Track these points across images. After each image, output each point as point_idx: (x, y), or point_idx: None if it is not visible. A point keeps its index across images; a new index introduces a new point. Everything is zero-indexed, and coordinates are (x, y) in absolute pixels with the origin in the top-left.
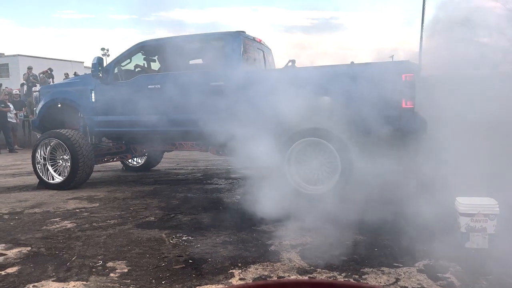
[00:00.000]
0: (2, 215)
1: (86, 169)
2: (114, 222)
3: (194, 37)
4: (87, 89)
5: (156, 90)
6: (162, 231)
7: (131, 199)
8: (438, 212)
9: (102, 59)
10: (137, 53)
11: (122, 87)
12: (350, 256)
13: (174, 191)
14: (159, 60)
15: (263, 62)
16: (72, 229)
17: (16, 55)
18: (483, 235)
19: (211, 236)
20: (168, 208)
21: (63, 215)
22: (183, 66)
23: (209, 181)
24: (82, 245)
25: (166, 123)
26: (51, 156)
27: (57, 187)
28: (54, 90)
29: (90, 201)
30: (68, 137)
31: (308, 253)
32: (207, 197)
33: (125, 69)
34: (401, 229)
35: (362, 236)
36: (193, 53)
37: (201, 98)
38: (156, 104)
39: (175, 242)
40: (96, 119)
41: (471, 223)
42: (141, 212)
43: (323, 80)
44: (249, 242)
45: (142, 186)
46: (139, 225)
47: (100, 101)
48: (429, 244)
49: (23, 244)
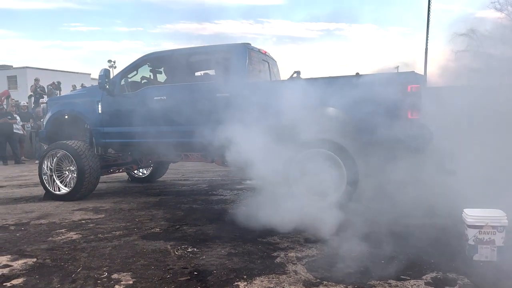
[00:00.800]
0: (8, 226)
1: (92, 180)
2: (119, 233)
3: (200, 49)
4: (93, 100)
5: (162, 101)
6: (167, 243)
7: (137, 210)
8: (445, 223)
9: (108, 71)
10: (144, 65)
11: (128, 98)
12: (357, 268)
13: (179, 202)
14: (165, 72)
15: (268, 74)
16: (78, 241)
17: (24, 67)
18: (491, 248)
19: (216, 247)
20: (173, 219)
21: (69, 226)
22: (189, 77)
23: (214, 192)
24: (87, 256)
25: (172, 134)
26: (58, 167)
27: (63, 198)
28: (61, 102)
29: (96, 212)
30: (74, 148)
31: (314, 265)
32: (212, 208)
33: (131, 80)
34: (409, 241)
35: (369, 248)
36: (199, 65)
37: (207, 109)
38: (162, 115)
39: (180, 254)
40: (102, 130)
41: (479, 235)
42: (147, 223)
43: (328, 91)
44: (255, 254)
45: (148, 197)
46: (144, 237)
47: (106, 113)
48: (437, 256)
49: (29, 255)
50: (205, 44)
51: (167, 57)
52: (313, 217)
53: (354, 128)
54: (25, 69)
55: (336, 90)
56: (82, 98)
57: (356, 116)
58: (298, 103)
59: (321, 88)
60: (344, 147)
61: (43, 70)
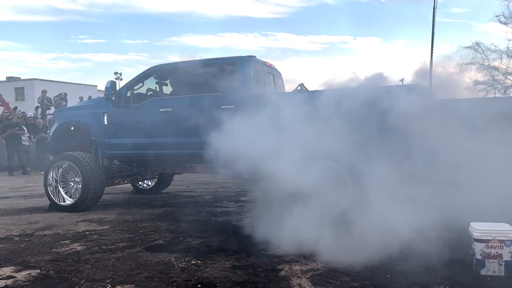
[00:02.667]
0: (13, 237)
1: (97, 192)
2: (123, 245)
3: (206, 62)
4: (99, 112)
5: (168, 113)
6: (171, 255)
7: (141, 221)
8: (452, 237)
9: (115, 82)
10: (150, 77)
11: (134, 110)
12: (362, 282)
13: (183, 214)
14: (171, 83)
15: (273, 86)
16: (82, 252)
17: (32, 79)
18: (499, 262)
19: (220, 260)
20: (177, 231)
21: (73, 238)
22: (195, 89)
23: (218, 204)
24: (91, 268)
25: (177, 145)
26: (63, 178)
27: (68, 209)
28: (67, 113)
29: (100, 224)
30: (80, 159)
31: (318, 278)
32: (217, 220)
33: (137, 92)
34: (414, 255)
35: (374, 262)
36: (205, 77)
37: (212, 121)
38: (168, 127)
39: (184, 266)
40: (108, 141)
41: (486, 249)
42: (151, 235)
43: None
44: (259, 266)
45: (152, 208)
46: (148, 248)
47: (112, 124)
48: (443, 271)
49: (33, 266)
50: (211, 57)
51: (173, 69)
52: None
53: (357, 141)
54: (33, 80)
55: (338, 103)
56: (88, 110)
57: (359, 129)
58: (302, 115)
59: (324, 101)
60: (351, 162)
61: (50, 82)
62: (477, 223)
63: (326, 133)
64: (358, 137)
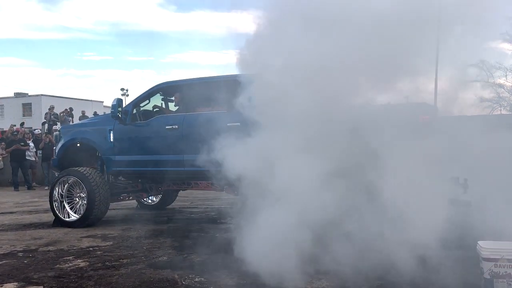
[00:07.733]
0: (17, 253)
1: (102, 207)
2: (126, 261)
3: (211, 79)
4: (105, 129)
5: (174, 130)
6: (175, 272)
7: (145, 238)
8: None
9: (121, 100)
10: (156, 94)
11: (140, 127)
12: None
13: (187, 231)
14: (177, 101)
15: None
16: (85, 268)
17: (39, 95)
18: (508, 282)
19: (224, 278)
20: (181, 247)
21: (77, 254)
22: (201, 106)
23: (223, 220)
24: (94, 284)
25: (183, 162)
26: (68, 194)
27: (72, 225)
28: (74, 130)
29: (104, 240)
30: (86, 175)
31: None
32: (221, 237)
33: (143, 109)
34: (421, 274)
35: (380, 281)
36: (210, 94)
37: (218, 138)
38: (173, 144)
39: (188, 283)
40: (114, 158)
41: (494, 268)
42: (154, 252)
43: None
44: (264, 285)
45: (156, 225)
46: (152, 265)
47: (118, 141)
48: None
49: (35, 283)
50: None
51: (179, 87)
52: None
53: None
54: (40, 96)
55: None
56: (94, 127)
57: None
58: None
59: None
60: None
61: (57, 98)
62: (485, 242)
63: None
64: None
